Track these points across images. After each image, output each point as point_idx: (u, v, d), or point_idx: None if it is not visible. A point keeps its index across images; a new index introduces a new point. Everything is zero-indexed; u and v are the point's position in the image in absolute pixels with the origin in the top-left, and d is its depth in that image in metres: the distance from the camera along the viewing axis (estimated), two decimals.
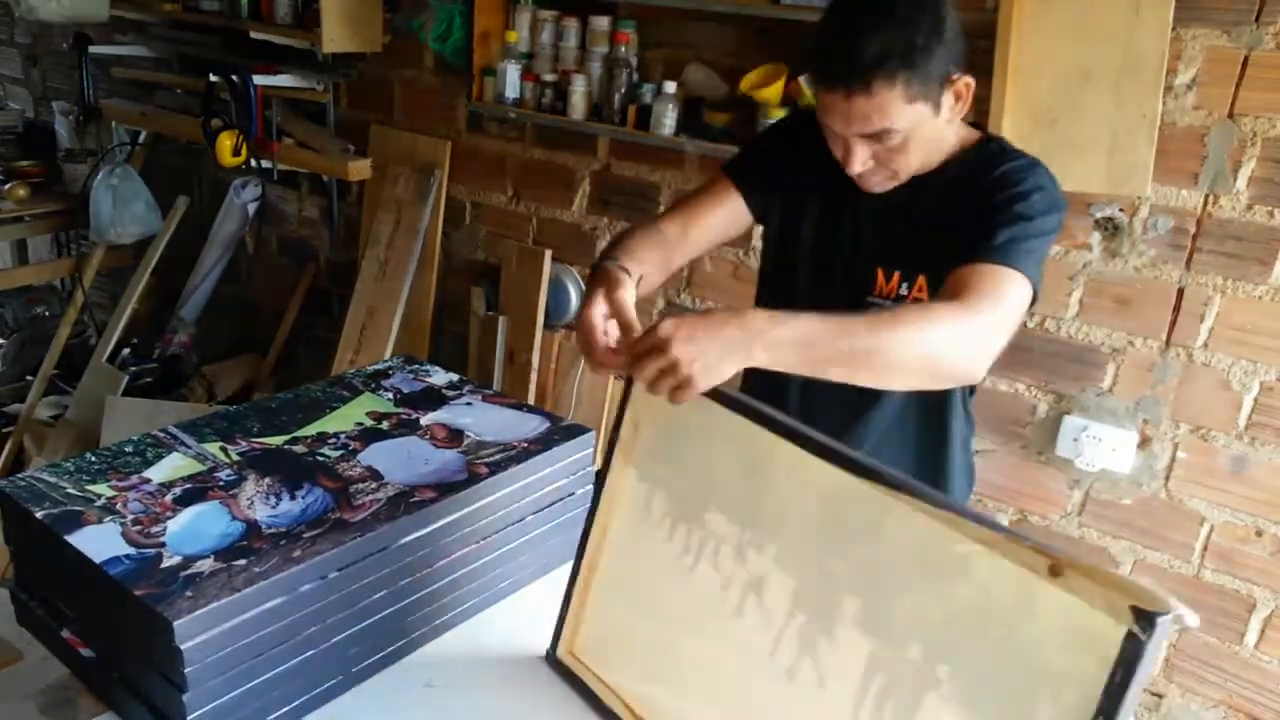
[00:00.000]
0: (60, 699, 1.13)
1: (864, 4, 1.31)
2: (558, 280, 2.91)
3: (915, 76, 1.27)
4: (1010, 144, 1.45)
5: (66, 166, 3.79)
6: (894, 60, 1.26)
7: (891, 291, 1.46)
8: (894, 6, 1.29)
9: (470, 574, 1.29)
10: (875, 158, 1.37)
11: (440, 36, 2.80)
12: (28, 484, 1.17)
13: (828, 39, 1.31)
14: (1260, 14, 1.87)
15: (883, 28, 1.26)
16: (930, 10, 1.29)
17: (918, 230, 1.44)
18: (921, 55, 1.26)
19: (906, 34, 1.26)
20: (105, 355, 3.52)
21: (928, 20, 1.27)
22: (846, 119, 1.32)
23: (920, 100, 1.30)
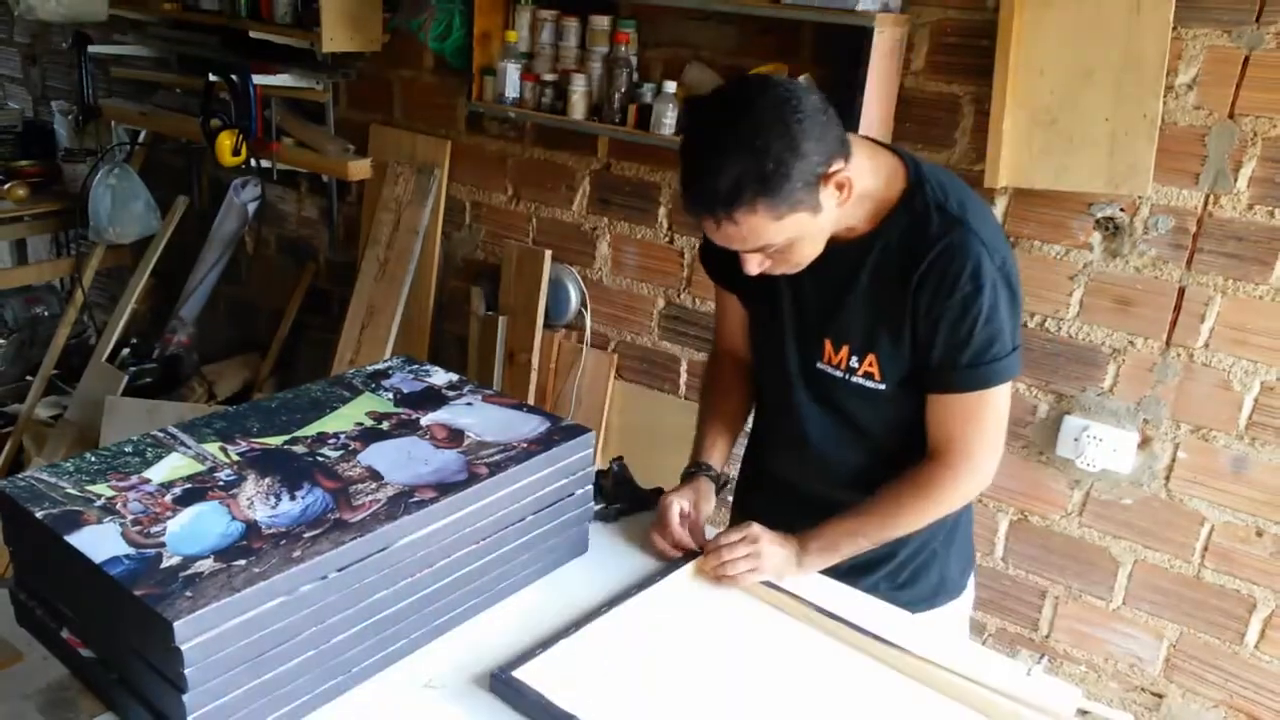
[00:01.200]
0: (60, 699, 1.13)
1: (713, 130, 1.24)
2: (558, 280, 2.91)
3: (777, 198, 1.22)
4: (935, 193, 1.36)
5: (66, 166, 3.79)
6: (749, 190, 1.21)
7: (841, 363, 1.45)
8: (740, 131, 1.21)
9: (470, 574, 1.29)
10: (769, 258, 1.34)
11: (440, 36, 2.80)
12: (27, 484, 1.17)
13: (686, 170, 1.26)
14: (1261, 14, 1.87)
15: (734, 156, 1.21)
16: (779, 124, 1.21)
17: (858, 306, 1.41)
18: (778, 178, 1.21)
19: (758, 161, 1.20)
20: (105, 355, 3.52)
21: (778, 140, 1.20)
22: (724, 240, 1.29)
23: (792, 213, 1.25)
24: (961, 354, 1.35)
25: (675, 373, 2.81)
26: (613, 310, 2.88)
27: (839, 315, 1.43)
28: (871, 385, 1.43)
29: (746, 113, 1.22)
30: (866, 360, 1.43)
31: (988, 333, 1.34)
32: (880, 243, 1.37)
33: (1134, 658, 2.29)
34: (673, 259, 2.72)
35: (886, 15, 2.10)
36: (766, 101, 1.22)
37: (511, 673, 1.19)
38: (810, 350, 1.48)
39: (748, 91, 1.25)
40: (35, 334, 3.89)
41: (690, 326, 2.74)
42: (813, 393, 1.50)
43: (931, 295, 1.34)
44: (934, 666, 1.28)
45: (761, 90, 1.24)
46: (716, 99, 1.28)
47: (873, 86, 2.13)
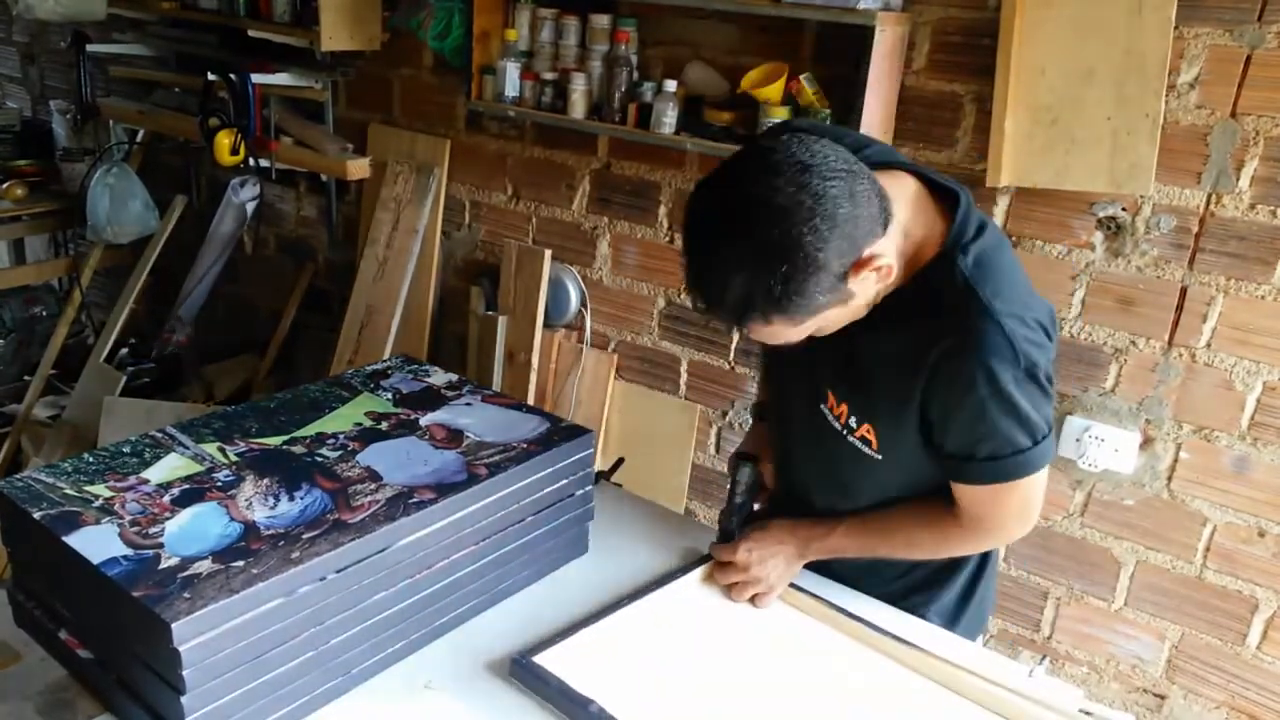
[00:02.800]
0: (58, 700, 1.13)
1: (719, 240, 1.08)
2: (557, 280, 2.90)
3: (792, 313, 1.10)
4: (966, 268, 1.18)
5: (64, 165, 3.78)
6: (758, 310, 1.09)
7: (841, 416, 1.34)
8: (751, 248, 1.06)
9: (470, 575, 1.28)
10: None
11: (439, 35, 2.79)
12: (25, 484, 1.16)
13: (691, 272, 1.13)
14: (1263, 13, 1.86)
15: (741, 275, 1.07)
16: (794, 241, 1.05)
17: (866, 372, 1.28)
18: (793, 297, 1.07)
19: (768, 283, 1.06)
20: (103, 355, 3.51)
21: (790, 258, 1.05)
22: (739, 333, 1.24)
23: (813, 316, 1.12)
24: (978, 449, 1.23)
25: (675, 373, 2.80)
26: (613, 310, 2.87)
27: (844, 373, 1.31)
28: (867, 452, 1.32)
29: (754, 224, 1.06)
30: (864, 426, 1.31)
31: (1009, 431, 1.21)
32: (898, 308, 1.21)
33: (1136, 659, 2.28)
34: (673, 259, 2.71)
35: (888, 14, 2.09)
36: (779, 210, 1.05)
37: (532, 658, 1.19)
38: (815, 393, 1.37)
39: (757, 191, 1.06)
40: (33, 334, 3.88)
41: (690, 326, 2.74)
42: (810, 438, 1.41)
43: (945, 391, 1.20)
44: (946, 664, 1.29)
45: (771, 188, 1.05)
46: (720, 197, 1.11)
47: (874, 86, 2.12)
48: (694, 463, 2.82)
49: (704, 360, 2.74)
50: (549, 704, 1.17)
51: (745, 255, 1.07)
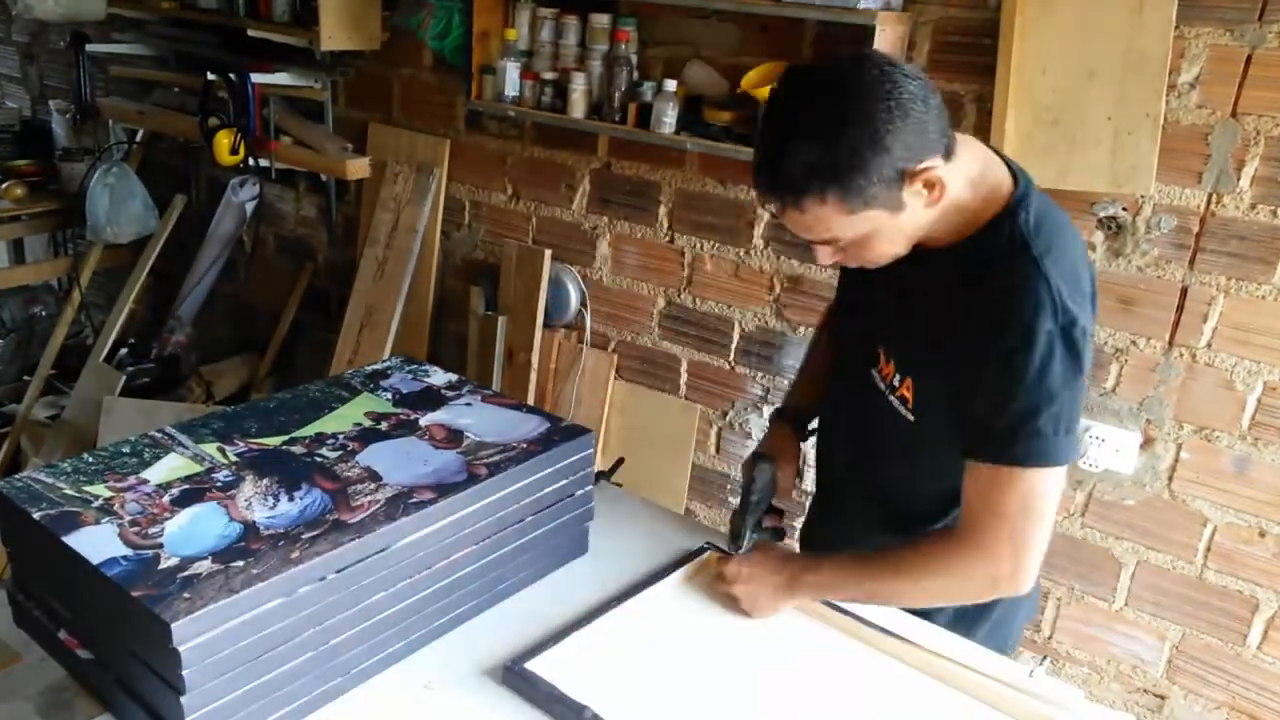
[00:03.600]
0: (58, 700, 1.13)
1: (794, 109, 1.14)
2: (557, 280, 2.90)
3: (849, 192, 1.12)
4: (1025, 226, 1.20)
5: (63, 165, 3.78)
6: (819, 179, 1.12)
7: (888, 376, 1.35)
8: (826, 114, 1.11)
9: (469, 575, 1.28)
10: (841, 251, 1.24)
11: (439, 34, 2.79)
12: (25, 485, 1.16)
13: (758, 148, 1.18)
14: (1263, 12, 1.86)
15: (809, 141, 1.11)
16: (870, 114, 1.10)
17: (914, 322, 1.30)
18: (854, 171, 1.10)
19: (835, 149, 1.10)
20: (102, 355, 3.51)
21: (862, 130, 1.09)
22: (792, 227, 1.21)
23: (865, 209, 1.14)
24: (998, 417, 1.19)
25: (675, 373, 2.80)
26: (613, 310, 2.87)
27: (896, 327, 1.33)
28: (904, 412, 1.32)
29: (833, 95, 1.11)
30: (905, 383, 1.31)
31: (1033, 400, 1.17)
32: (953, 263, 1.23)
33: (1136, 659, 2.28)
34: (673, 258, 2.71)
35: (888, 14, 2.09)
36: (858, 85, 1.11)
37: (524, 664, 1.19)
38: (867, 355, 1.39)
39: (841, 72, 1.13)
40: (33, 334, 3.88)
41: (690, 326, 2.73)
42: (857, 398, 1.41)
43: (979, 337, 1.19)
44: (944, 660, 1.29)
45: (857, 71, 1.12)
46: (806, 75, 1.16)
47: None
48: (694, 463, 2.82)
49: (704, 360, 2.74)
50: (543, 710, 1.16)
51: (817, 122, 1.11)
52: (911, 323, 1.30)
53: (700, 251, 2.66)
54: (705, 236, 2.63)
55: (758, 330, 2.62)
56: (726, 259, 2.62)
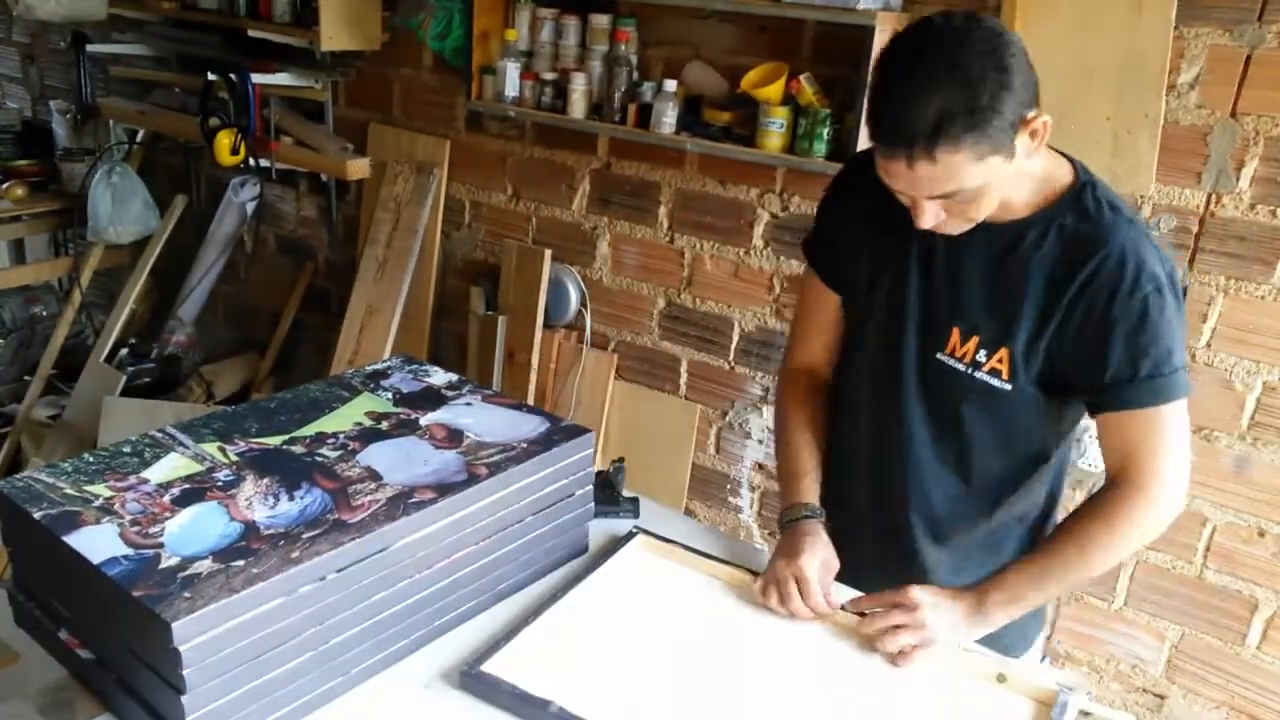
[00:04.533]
0: (58, 700, 1.12)
1: (921, 59, 1.15)
2: (557, 280, 2.90)
3: (983, 134, 1.13)
4: (1105, 191, 1.29)
5: (64, 165, 3.78)
6: (957, 124, 1.12)
7: (966, 355, 1.33)
8: (954, 60, 1.13)
9: (470, 575, 1.28)
10: (947, 210, 1.24)
11: (439, 35, 2.80)
12: (25, 484, 1.16)
13: (885, 100, 1.17)
14: (1263, 13, 1.86)
15: (944, 87, 1.12)
16: (994, 58, 1.13)
17: (1002, 296, 1.30)
18: (988, 113, 1.13)
19: (970, 93, 1.12)
20: (103, 355, 3.51)
21: (993, 72, 1.12)
22: (911, 184, 1.20)
23: (991, 155, 1.16)
24: (1141, 364, 1.24)
25: (675, 373, 2.80)
26: (613, 310, 2.87)
27: (976, 302, 1.32)
28: (997, 384, 1.32)
29: (960, 43, 1.14)
30: (997, 355, 1.31)
31: (1167, 342, 1.23)
32: (1039, 231, 1.27)
33: (1136, 659, 2.28)
34: (673, 259, 2.71)
35: (888, 14, 2.09)
36: (981, 33, 1.14)
37: (480, 667, 1.19)
38: (933, 338, 1.36)
39: (955, 23, 1.16)
40: (33, 334, 3.88)
41: (690, 327, 2.74)
42: (924, 391, 1.39)
43: (1106, 300, 1.23)
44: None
45: (971, 22, 1.16)
46: (923, 29, 1.18)
47: None
48: (694, 463, 2.82)
49: (704, 360, 2.74)
50: (508, 710, 1.15)
51: (951, 70, 1.12)
52: (997, 295, 1.30)
53: (700, 251, 2.66)
54: (705, 236, 2.64)
55: (757, 330, 2.62)
56: (726, 259, 2.62)
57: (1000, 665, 1.27)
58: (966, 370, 1.33)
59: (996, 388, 1.32)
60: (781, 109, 2.24)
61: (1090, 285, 1.24)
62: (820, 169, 2.23)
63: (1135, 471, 1.29)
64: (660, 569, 1.44)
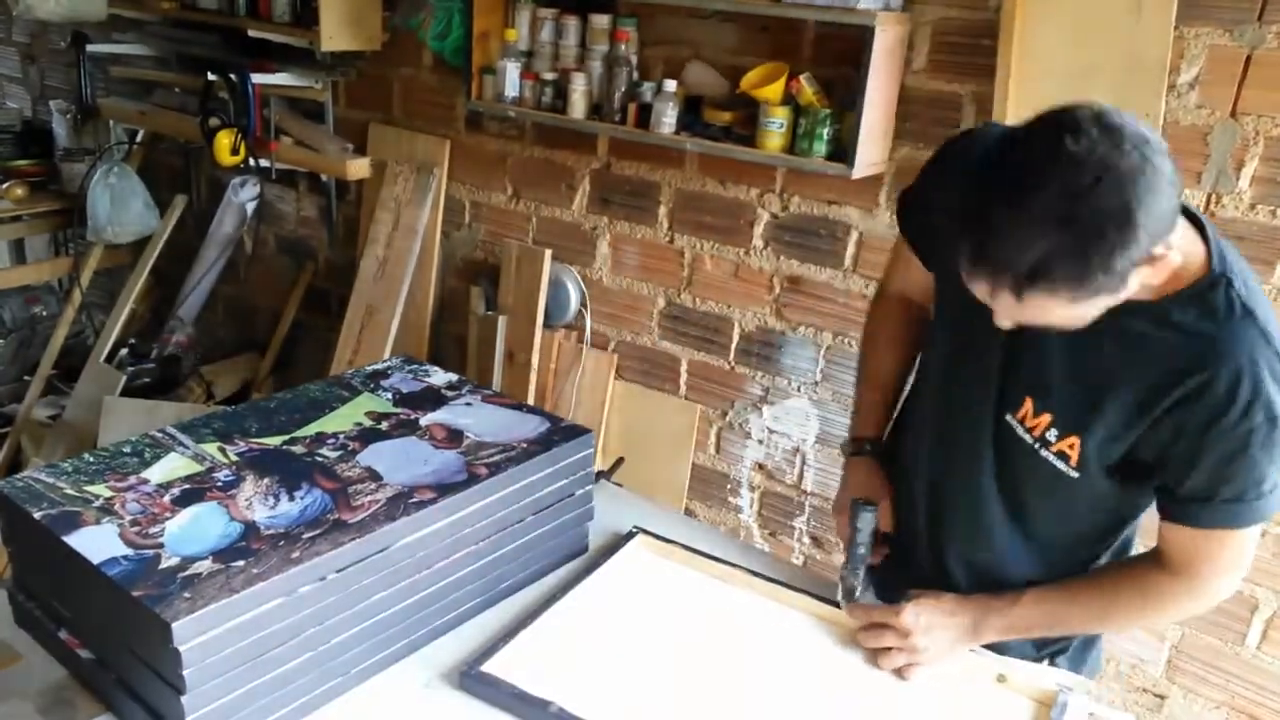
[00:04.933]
0: (58, 700, 1.13)
1: (1038, 190, 0.97)
2: (557, 280, 2.90)
3: (1084, 289, 0.98)
4: (1242, 291, 1.09)
5: (64, 165, 3.78)
6: (1057, 275, 0.97)
7: (1036, 428, 1.22)
8: (1076, 204, 0.95)
9: (469, 575, 1.28)
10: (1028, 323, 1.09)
11: (439, 35, 2.79)
12: (25, 485, 1.16)
13: (982, 219, 1.01)
14: (1263, 13, 1.86)
15: (1056, 233, 0.96)
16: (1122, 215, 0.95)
17: (1089, 382, 1.17)
18: (1096, 273, 0.97)
19: (1084, 248, 0.96)
20: (103, 355, 3.51)
21: (1113, 230, 0.95)
22: (988, 300, 1.05)
23: (1091, 300, 1.01)
24: (1223, 490, 1.12)
25: (675, 373, 2.80)
26: (613, 310, 2.87)
27: (1054, 379, 1.19)
28: (1063, 468, 1.21)
29: (1085, 174, 0.95)
30: (1068, 441, 1.19)
31: (1261, 470, 1.11)
32: (1149, 321, 1.11)
33: (1136, 659, 2.28)
34: (673, 259, 2.71)
35: (888, 14, 2.09)
36: (1121, 170, 0.95)
37: (480, 667, 1.19)
38: (1004, 399, 1.25)
39: (1091, 141, 0.96)
40: (33, 334, 3.88)
41: (690, 327, 2.74)
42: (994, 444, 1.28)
43: (1205, 423, 1.09)
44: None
45: (1116, 150, 0.95)
46: (1050, 145, 0.97)
47: (874, 86, 2.12)
48: (694, 463, 2.82)
49: (704, 360, 2.74)
50: (506, 711, 1.16)
51: (1067, 213, 0.95)
52: (1081, 378, 1.18)
53: (700, 251, 2.66)
54: (705, 236, 2.63)
55: (757, 330, 2.62)
56: (726, 259, 2.62)
57: (1000, 665, 1.27)
58: (1032, 444, 1.23)
59: (1062, 472, 1.22)
60: (781, 109, 2.24)
61: (1193, 403, 1.10)
62: (820, 169, 2.23)
63: (1188, 571, 1.21)
64: (660, 569, 1.44)
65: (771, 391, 2.64)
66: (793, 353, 2.58)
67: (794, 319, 2.56)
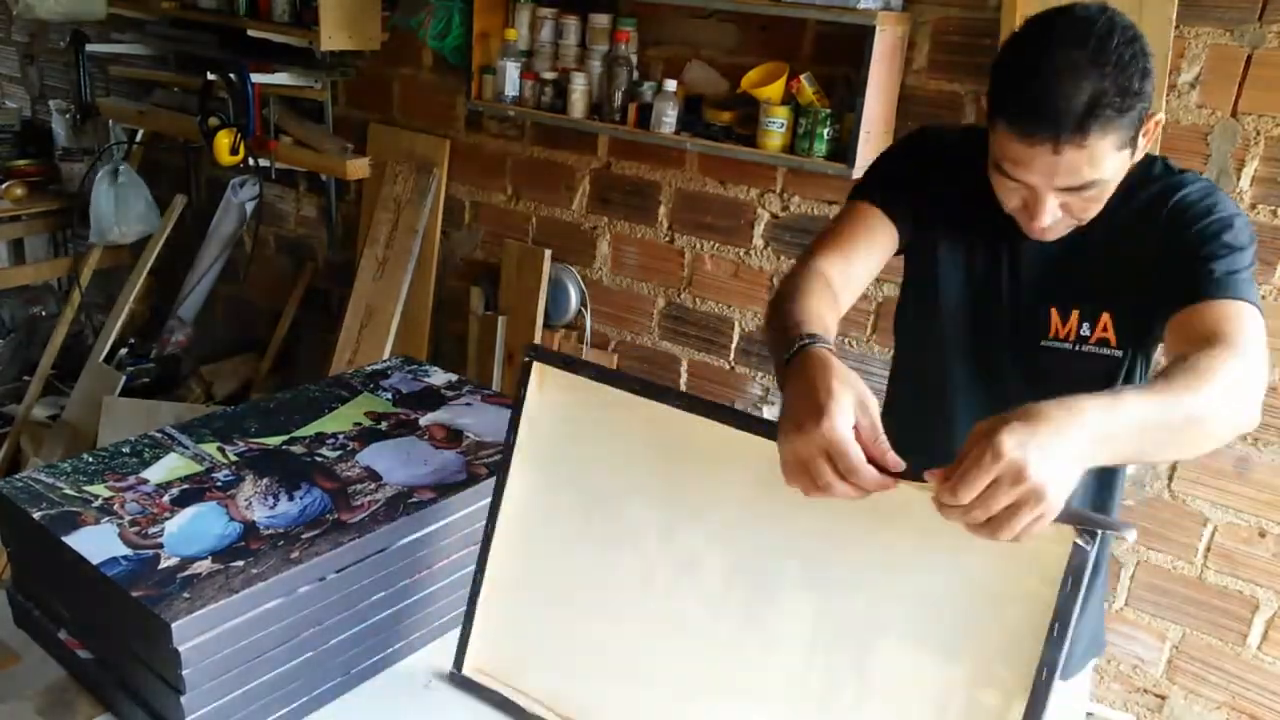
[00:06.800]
0: (58, 700, 1.12)
1: (1069, 39, 1.14)
2: (557, 280, 2.90)
3: (1126, 121, 1.14)
4: (1169, 160, 1.33)
5: (64, 165, 3.78)
6: (1110, 106, 1.12)
7: (1070, 333, 1.31)
8: (1106, 42, 1.13)
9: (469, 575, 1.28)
10: (1064, 208, 1.22)
11: (439, 34, 2.79)
12: (25, 485, 1.16)
13: (1032, 83, 1.14)
14: (1263, 12, 1.86)
15: (1099, 68, 1.12)
16: (1140, 44, 1.14)
17: (1092, 263, 1.30)
18: (1135, 98, 1.13)
19: (1124, 75, 1.12)
20: (102, 355, 3.51)
21: (1141, 57, 1.13)
22: (1050, 172, 1.17)
23: (1127, 146, 1.17)
24: (1216, 264, 1.20)
25: (675, 373, 2.80)
26: (613, 310, 2.87)
27: (1068, 279, 1.31)
28: (1106, 352, 1.30)
29: (1108, 27, 1.14)
30: (1100, 323, 1.30)
31: (1242, 258, 1.21)
32: (1117, 200, 1.26)
33: (1136, 659, 2.28)
34: (673, 258, 2.71)
35: (888, 14, 2.09)
36: (1124, 24, 1.15)
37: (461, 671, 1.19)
38: (1031, 323, 1.33)
39: (1096, 12, 1.16)
40: (33, 334, 3.88)
41: (690, 326, 2.73)
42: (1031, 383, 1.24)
43: (1190, 221, 1.24)
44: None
45: (1110, 10, 1.16)
46: (1064, 12, 1.17)
47: (874, 85, 2.12)
48: None
49: (704, 360, 2.74)
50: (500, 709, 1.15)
51: (1101, 51, 1.12)
52: (1091, 266, 1.30)
53: (700, 251, 2.66)
54: (705, 236, 2.63)
55: (758, 330, 2.62)
56: (726, 259, 2.62)
57: None
58: (1072, 348, 1.31)
59: (1108, 356, 1.30)
60: (782, 108, 2.24)
61: (1177, 217, 1.24)
62: (820, 169, 2.22)
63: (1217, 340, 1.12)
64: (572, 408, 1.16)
65: (771, 392, 2.64)
66: None
67: None
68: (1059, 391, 1.08)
